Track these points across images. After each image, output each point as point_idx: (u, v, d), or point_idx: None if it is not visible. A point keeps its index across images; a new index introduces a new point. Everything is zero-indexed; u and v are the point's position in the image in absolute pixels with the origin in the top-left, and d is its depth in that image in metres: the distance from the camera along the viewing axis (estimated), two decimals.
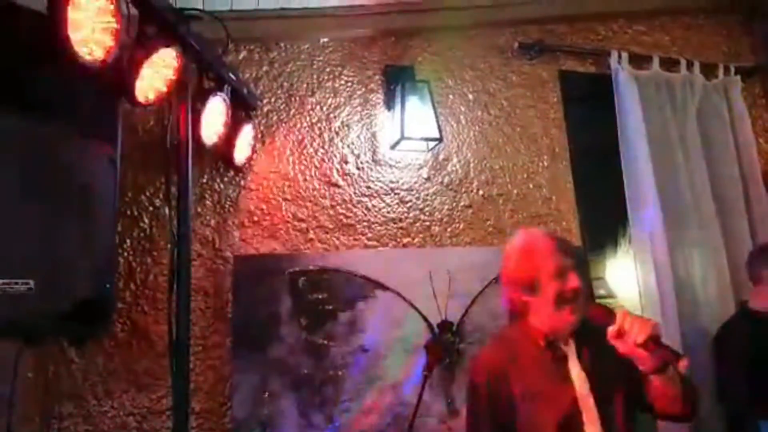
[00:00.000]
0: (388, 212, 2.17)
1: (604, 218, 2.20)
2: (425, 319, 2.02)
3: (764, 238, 2.41)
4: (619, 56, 2.52)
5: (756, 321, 1.98)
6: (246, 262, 1.95)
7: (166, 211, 1.91)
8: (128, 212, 1.89)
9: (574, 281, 1.39)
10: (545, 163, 2.42)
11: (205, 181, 2.02)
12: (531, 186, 2.37)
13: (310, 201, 2.10)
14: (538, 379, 1.39)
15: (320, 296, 1.97)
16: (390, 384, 1.93)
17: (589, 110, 2.63)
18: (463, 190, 2.28)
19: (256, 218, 2.04)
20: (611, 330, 1.25)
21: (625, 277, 2.86)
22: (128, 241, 1.88)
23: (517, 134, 2.42)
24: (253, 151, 2.04)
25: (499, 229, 2.27)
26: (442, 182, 2.26)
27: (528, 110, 2.46)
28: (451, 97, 2.37)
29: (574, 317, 1.38)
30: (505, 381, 1.40)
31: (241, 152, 1.95)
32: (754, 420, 1.36)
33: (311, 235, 2.07)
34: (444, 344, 1.95)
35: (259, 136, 2.09)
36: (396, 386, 1.93)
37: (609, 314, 1.29)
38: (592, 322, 1.32)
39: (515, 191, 2.34)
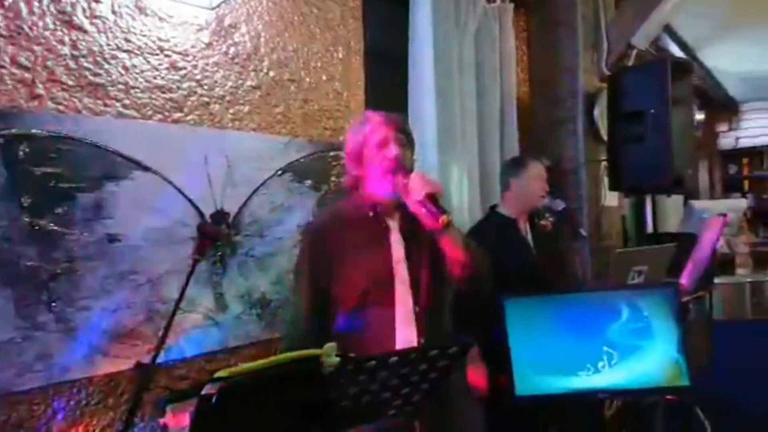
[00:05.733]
0: (155, 77, 1.75)
1: None
2: (196, 207, 1.75)
3: (510, 152, 2.80)
4: None
5: (501, 223, 2.30)
6: None
7: None
8: None
9: (393, 150, 1.46)
10: (339, 55, 2.28)
11: None
12: (324, 78, 2.21)
13: (41, 44, 1.55)
14: (358, 245, 1.47)
15: (52, 170, 1.51)
16: (146, 279, 1.65)
17: (386, 10, 2.56)
18: (251, 67, 1.98)
19: None
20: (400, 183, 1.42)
21: None
22: None
23: (314, 16, 2.20)
24: None
25: (289, 118, 2.08)
26: (226, 53, 1.92)
27: None
28: None
29: (395, 186, 1.45)
30: (326, 245, 1.48)
31: None
32: (499, 298, 1.65)
33: (40, 90, 1.54)
34: (218, 233, 1.73)
35: None
36: (154, 282, 1.66)
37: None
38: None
39: (308, 80, 2.16)
